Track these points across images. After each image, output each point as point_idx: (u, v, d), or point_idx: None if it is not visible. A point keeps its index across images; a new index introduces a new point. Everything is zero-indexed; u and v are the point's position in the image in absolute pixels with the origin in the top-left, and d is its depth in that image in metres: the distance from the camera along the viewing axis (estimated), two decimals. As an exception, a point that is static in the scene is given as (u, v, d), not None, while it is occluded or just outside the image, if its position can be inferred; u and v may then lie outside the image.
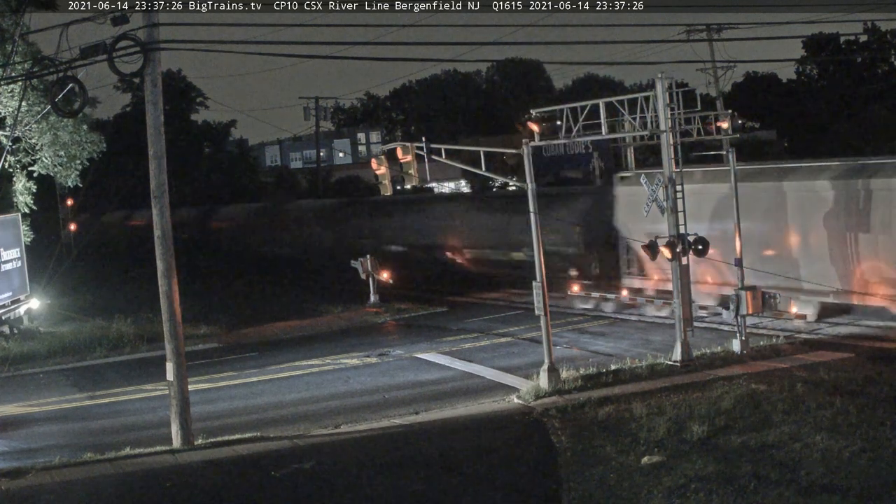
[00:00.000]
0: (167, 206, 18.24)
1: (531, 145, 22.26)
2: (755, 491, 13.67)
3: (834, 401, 17.64)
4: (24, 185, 33.67)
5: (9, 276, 31.82)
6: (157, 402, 21.28)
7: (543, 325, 21.20)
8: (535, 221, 21.46)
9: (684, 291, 22.31)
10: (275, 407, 21.30)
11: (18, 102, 28.81)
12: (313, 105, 67.15)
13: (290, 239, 51.70)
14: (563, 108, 24.00)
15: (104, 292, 41.16)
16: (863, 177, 24.86)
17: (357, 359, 25.90)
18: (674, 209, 22.22)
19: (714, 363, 21.92)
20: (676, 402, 18.58)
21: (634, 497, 13.98)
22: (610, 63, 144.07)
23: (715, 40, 46.22)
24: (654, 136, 23.62)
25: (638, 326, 27.97)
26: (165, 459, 17.17)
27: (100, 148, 33.46)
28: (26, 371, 26.50)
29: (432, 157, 23.54)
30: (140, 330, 29.85)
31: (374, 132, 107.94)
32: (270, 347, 28.61)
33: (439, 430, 18.40)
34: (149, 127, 18.09)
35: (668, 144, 22.33)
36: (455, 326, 29.92)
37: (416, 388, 22.26)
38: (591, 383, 20.72)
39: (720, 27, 45.20)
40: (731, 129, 24.95)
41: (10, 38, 29.41)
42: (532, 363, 22.62)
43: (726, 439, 16.13)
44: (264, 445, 17.77)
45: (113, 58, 17.54)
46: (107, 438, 18.95)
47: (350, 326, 31.51)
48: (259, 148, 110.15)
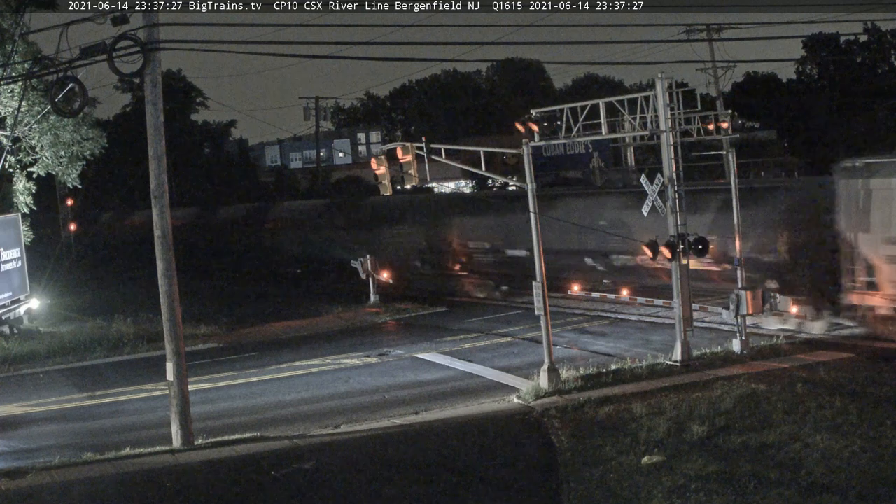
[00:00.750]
0: (167, 205, 18.24)
1: (531, 145, 22.26)
2: (755, 491, 13.68)
3: (834, 401, 17.64)
4: (24, 185, 33.68)
5: (9, 276, 31.84)
6: (157, 402, 21.27)
7: (543, 325, 21.20)
8: (535, 221, 21.45)
9: (684, 291, 22.31)
10: (275, 407, 21.29)
11: (18, 102, 28.84)
12: (313, 105, 67.14)
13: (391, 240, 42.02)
14: (564, 108, 24.00)
15: (104, 292, 41.18)
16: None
17: (357, 359, 25.90)
18: (674, 209, 22.21)
19: (714, 363, 21.91)
20: (676, 402, 18.58)
21: (634, 497, 13.98)
22: (610, 63, 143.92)
23: (715, 40, 46.30)
24: (654, 136, 23.62)
25: (638, 326, 27.97)
26: (165, 459, 17.16)
27: (101, 144, 33.45)
28: (26, 371, 26.49)
29: (432, 157, 23.55)
30: (140, 330, 29.85)
31: (374, 132, 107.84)
32: (270, 347, 28.61)
33: (439, 430, 18.39)
34: (149, 127, 18.08)
35: (668, 144, 22.32)
36: (455, 326, 29.91)
37: (416, 388, 22.25)
38: (591, 383, 20.71)
39: (720, 27, 45.27)
40: (731, 129, 24.96)
41: (10, 38, 29.44)
42: (532, 363, 22.61)
43: (726, 439, 16.14)
44: (264, 445, 17.76)
45: (113, 58, 17.54)
46: (107, 438, 18.94)
47: (350, 326, 31.51)
48: (259, 148, 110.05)
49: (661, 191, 22.17)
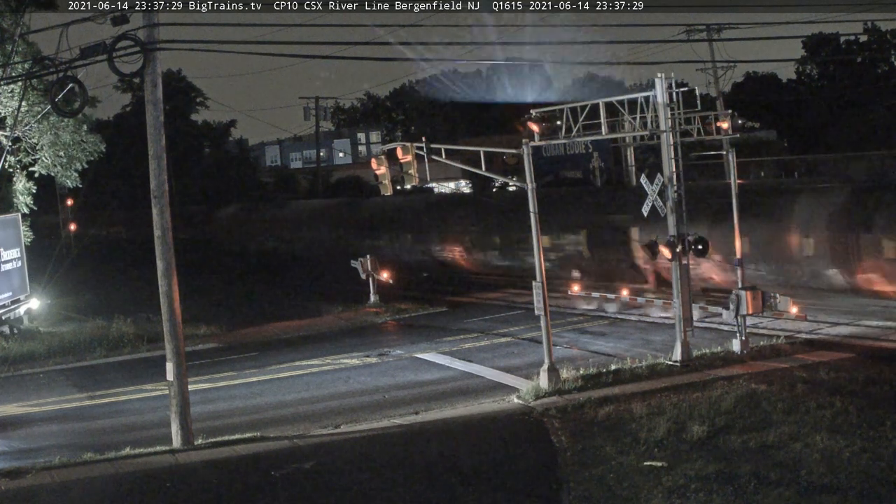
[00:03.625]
0: (167, 205, 18.24)
1: (531, 145, 22.26)
2: (755, 491, 13.68)
3: (834, 401, 17.64)
4: (24, 185, 33.68)
5: (9, 276, 31.83)
6: (157, 402, 21.28)
7: (543, 325, 21.19)
8: (535, 221, 21.46)
9: (684, 291, 22.30)
10: (275, 407, 21.29)
11: (18, 102, 28.83)
12: (313, 105, 67.19)
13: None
14: (564, 108, 24.00)
15: (104, 292, 41.17)
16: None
17: (357, 359, 25.89)
18: (674, 209, 22.21)
19: (714, 363, 21.91)
20: (676, 402, 18.58)
21: (634, 497, 13.98)
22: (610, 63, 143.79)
23: (715, 40, 46.25)
24: (654, 136, 23.61)
25: (638, 326, 27.96)
26: (165, 459, 17.16)
27: (98, 149, 33.48)
28: (26, 371, 26.48)
29: (432, 157, 23.55)
30: (140, 330, 29.85)
31: (374, 132, 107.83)
32: (270, 347, 28.61)
33: (439, 430, 18.39)
34: (149, 127, 18.09)
35: (668, 144, 22.33)
36: (455, 326, 29.90)
37: (416, 388, 22.25)
38: (591, 383, 20.71)
39: (720, 27, 45.20)
40: (731, 129, 24.94)
41: (10, 38, 29.43)
42: (532, 363, 22.62)
43: (726, 439, 16.13)
44: (264, 445, 17.76)
45: (113, 58, 17.54)
46: (107, 438, 18.94)
47: (350, 326, 31.50)
48: (259, 148, 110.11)
49: (661, 191, 22.18)
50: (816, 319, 25.64)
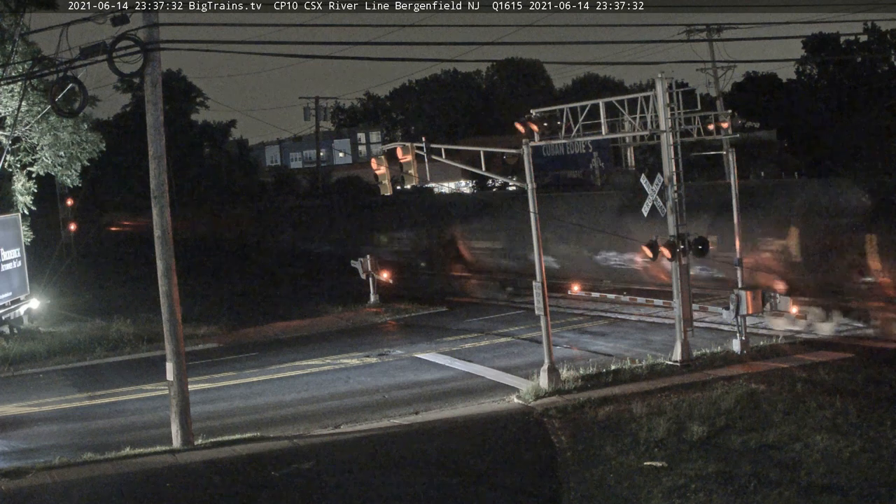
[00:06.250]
0: (167, 205, 18.24)
1: (531, 145, 22.26)
2: (755, 491, 13.68)
3: (834, 401, 17.64)
4: (24, 185, 33.69)
5: (9, 276, 31.84)
6: (157, 402, 21.29)
7: (543, 325, 21.20)
8: (535, 221, 21.46)
9: (684, 291, 22.31)
10: (275, 407, 21.29)
11: (18, 102, 28.84)
12: (313, 105, 67.09)
13: None
14: (563, 108, 24.00)
15: (104, 292, 41.18)
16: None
17: (357, 359, 25.90)
18: (674, 209, 22.21)
19: (714, 363, 21.92)
20: (676, 402, 18.59)
21: (634, 497, 13.98)
22: (610, 63, 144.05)
23: (715, 40, 46.29)
24: (654, 136, 23.62)
25: (638, 326, 27.97)
26: (165, 459, 17.16)
27: (99, 148, 33.51)
28: (26, 371, 26.49)
29: (432, 157, 23.55)
30: (140, 330, 29.86)
31: (374, 132, 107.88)
32: (270, 347, 28.61)
33: (439, 430, 18.39)
34: (149, 127, 18.09)
35: (668, 144, 22.32)
36: (455, 326, 29.91)
37: (416, 388, 22.25)
38: (591, 383, 20.72)
39: (720, 27, 45.24)
40: (731, 129, 24.96)
41: (10, 38, 29.45)
42: (532, 363, 22.62)
43: (726, 439, 16.14)
44: (264, 445, 17.77)
45: (113, 58, 17.54)
46: (107, 438, 18.95)
47: (350, 326, 31.51)
48: (259, 148, 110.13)
49: (660, 191, 22.18)
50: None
